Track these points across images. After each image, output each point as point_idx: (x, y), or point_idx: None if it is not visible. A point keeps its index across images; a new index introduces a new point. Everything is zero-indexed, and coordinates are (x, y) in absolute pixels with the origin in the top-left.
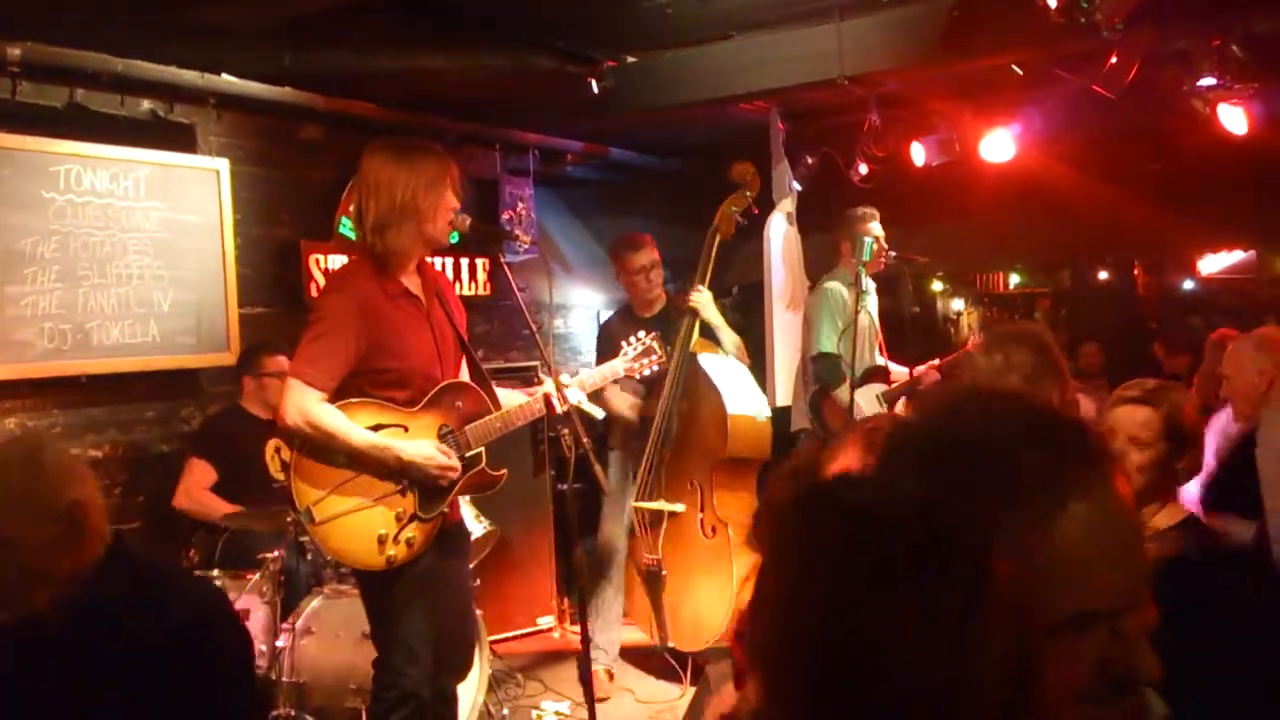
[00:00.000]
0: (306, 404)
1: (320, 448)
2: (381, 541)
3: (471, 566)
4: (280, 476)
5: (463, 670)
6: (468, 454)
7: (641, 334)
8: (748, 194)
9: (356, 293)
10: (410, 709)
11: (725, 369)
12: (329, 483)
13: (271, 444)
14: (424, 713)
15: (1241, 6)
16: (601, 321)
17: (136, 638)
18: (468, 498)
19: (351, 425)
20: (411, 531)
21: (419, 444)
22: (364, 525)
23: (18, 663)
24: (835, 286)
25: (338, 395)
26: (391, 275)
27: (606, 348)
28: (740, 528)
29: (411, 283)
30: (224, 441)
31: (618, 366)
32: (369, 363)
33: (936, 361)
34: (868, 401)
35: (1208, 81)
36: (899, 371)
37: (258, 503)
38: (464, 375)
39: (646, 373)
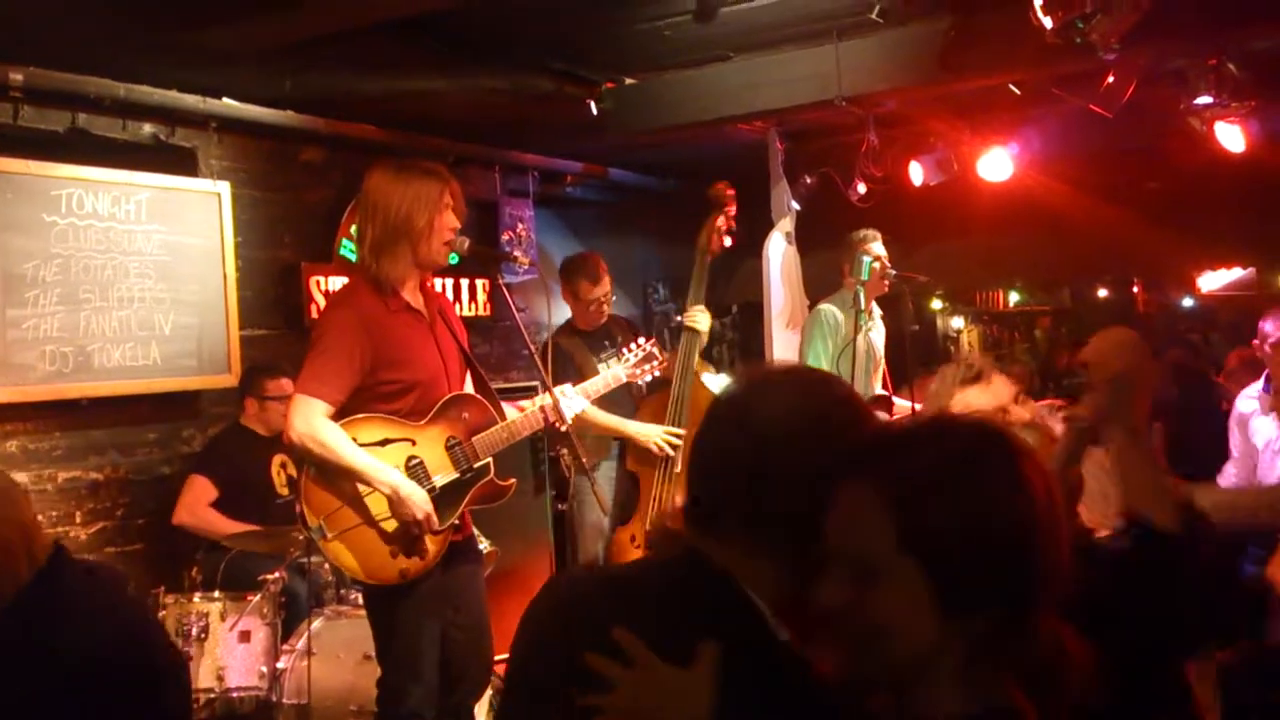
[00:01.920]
0: (313, 419)
1: (317, 464)
2: (394, 555)
3: None
4: (285, 491)
5: (479, 688)
6: (475, 465)
7: (641, 340)
8: (729, 210)
9: (358, 308)
10: None
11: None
12: (340, 498)
13: (277, 460)
14: None
15: (1238, 25)
16: (548, 341)
17: (44, 658)
18: None
19: (352, 445)
20: (424, 543)
21: (414, 488)
22: (376, 539)
23: None
24: (828, 309)
25: (344, 412)
26: (393, 292)
27: (567, 367)
28: None
29: (414, 299)
30: (226, 459)
31: (620, 372)
32: (374, 376)
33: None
34: None
35: (1205, 100)
36: (901, 405)
37: (257, 520)
38: (469, 389)
39: (648, 379)
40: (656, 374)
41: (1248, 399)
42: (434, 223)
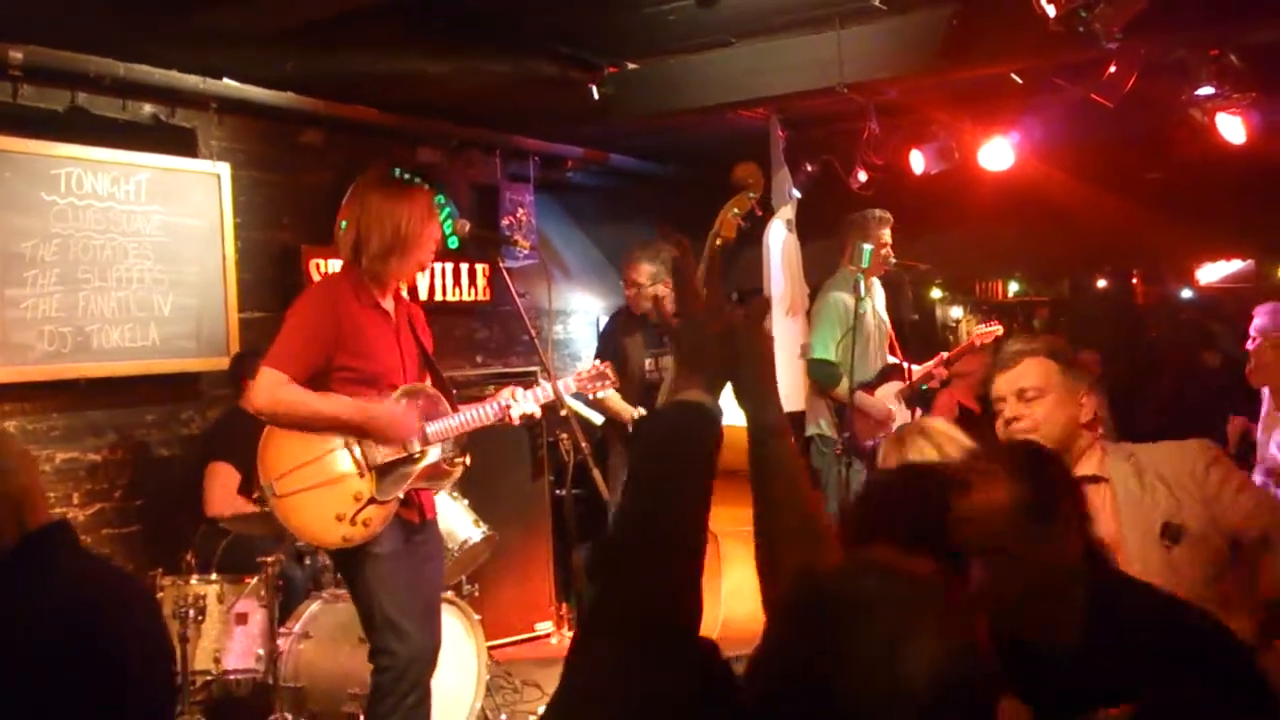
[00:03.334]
0: (273, 385)
1: (289, 426)
2: (339, 519)
3: (470, 572)
4: None
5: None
6: (424, 448)
7: (597, 362)
8: (750, 195)
9: (331, 295)
10: (407, 685)
11: None
12: (292, 461)
13: None
14: (423, 695)
15: (1239, 16)
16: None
17: (22, 627)
18: (466, 503)
19: (316, 395)
20: (368, 513)
21: (382, 407)
22: (322, 503)
23: None
24: (837, 296)
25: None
26: (367, 290)
27: (607, 341)
28: (730, 540)
29: (386, 303)
30: (238, 442)
31: (569, 382)
32: (336, 360)
33: (944, 355)
34: (889, 401)
35: (1206, 91)
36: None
37: None
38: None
39: (600, 394)
40: (608, 392)
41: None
42: (430, 232)
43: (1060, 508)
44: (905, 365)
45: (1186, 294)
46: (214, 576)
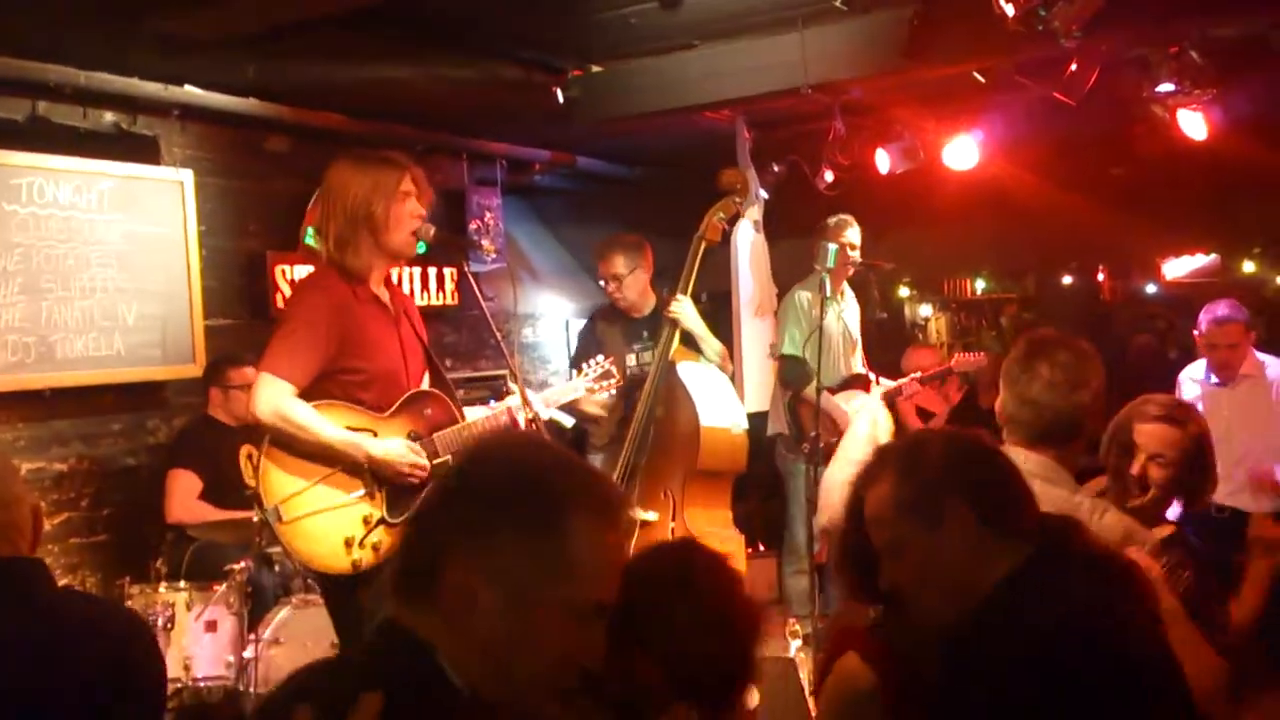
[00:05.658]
0: (277, 397)
1: (290, 445)
2: (348, 544)
3: None
4: (253, 482)
5: None
6: (435, 461)
7: (600, 357)
8: (736, 200)
9: (329, 293)
10: None
11: (703, 379)
12: (297, 483)
13: (244, 450)
14: None
15: (1199, 13)
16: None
17: None
18: None
19: (323, 420)
20: (378, 536)
21: (390, 442)
22: (331, 527)
23: None
24: (801, 294)
25: (308, 397)
26: (360, 283)
27: (587, 341)
28: (708, 540)
29: (380, 292)
30: (201, 450)
31: (579, 385)
32: (338, 363)
33: (919, 374)
34: (849, 408)
35: (1167, 87)
36: (883, 383)
37: (240, 510)
38: (426, 386)
39: (607, 395)
40: (612, 392)
41: (1191, 382)
42: (394, 211)
43: (945, 507)
44: (871, 376)
45: (1151, 289)
46: (182, 584)
